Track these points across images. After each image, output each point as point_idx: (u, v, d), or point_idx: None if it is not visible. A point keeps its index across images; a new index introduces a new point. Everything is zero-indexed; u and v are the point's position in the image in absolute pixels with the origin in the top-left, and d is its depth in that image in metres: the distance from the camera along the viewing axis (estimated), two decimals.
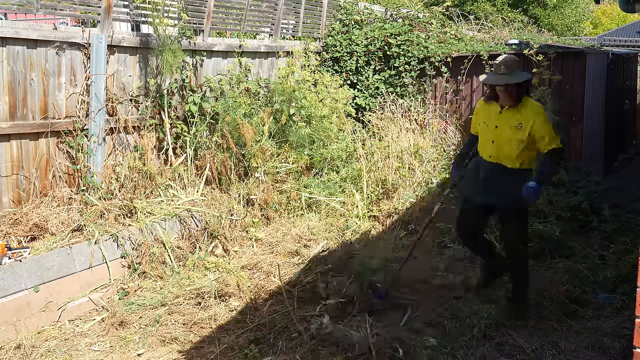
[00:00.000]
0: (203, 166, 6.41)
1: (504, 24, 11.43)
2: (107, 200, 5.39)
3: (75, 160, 5.44)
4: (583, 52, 7.36)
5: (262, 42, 7.97)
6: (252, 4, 7.45)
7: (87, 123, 5.46)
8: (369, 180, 7.01)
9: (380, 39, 8.36)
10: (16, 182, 5.06)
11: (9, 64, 4.85)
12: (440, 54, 8.04)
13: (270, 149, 6.76)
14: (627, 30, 23.18)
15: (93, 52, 5.42)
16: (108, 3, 5.46)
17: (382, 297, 4.50)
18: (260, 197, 6.41)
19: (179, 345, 4.05)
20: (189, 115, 6.47)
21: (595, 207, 6.07)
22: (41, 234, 4.95)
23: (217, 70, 7.02)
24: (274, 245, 5.82)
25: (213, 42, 6.95)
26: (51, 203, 5.19)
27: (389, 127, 7.70)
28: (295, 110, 7.19)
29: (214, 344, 4.05)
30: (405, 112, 7.94)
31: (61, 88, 5.32)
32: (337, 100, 7.76)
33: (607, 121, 7.85)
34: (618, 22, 30.81)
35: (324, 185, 6.98)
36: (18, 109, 4.99)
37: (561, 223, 5.87)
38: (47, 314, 4.46)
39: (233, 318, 4.43)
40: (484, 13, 17.74)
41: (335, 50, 8.60)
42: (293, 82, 7.40)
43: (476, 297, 4.63)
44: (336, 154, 7.33)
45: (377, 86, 8.33)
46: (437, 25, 8.74)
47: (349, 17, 8.92)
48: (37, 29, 5.10)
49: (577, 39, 11.61)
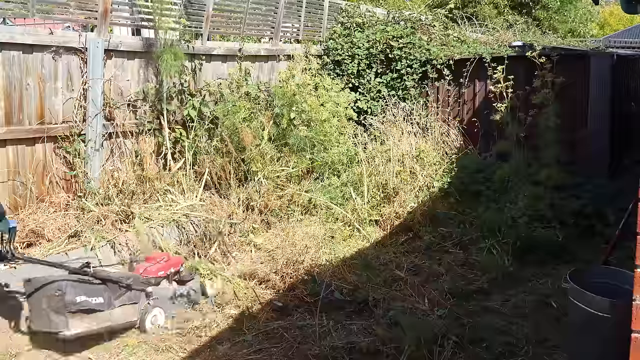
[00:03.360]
0: (202, 171, 6.35)
1: (507, 26, 11.32)
2: (104, 205, 5.35)
3: (72, 165, 5.40)
4: (587, 54, 7.27)
5: (262, 45, 7.93)
6: (251, 8, 7.41)
7: (84, 128, 5.43)
8: (370, 184, 6.94)
9: (382, 42, 8.29)
10: (12, 187, 5.03)
11: (4, 69, 4.82)
12: (443, 56, 7.97)
13: (270, 153, 6.71)
14: (633, 31, 23.03)
15: (90, 57, 5.39)
16: (105, 7, 5.42)
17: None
18: (260, 202, 6.36)
19: (174, 354, 3.98)
20: (188, 119, 6.43)
21: (600, 211, 5.97)
22: (37, 240, 4.91)
23: (217, 74, 6.97)
24: (273, 251, 5.75)
25: (212, 45, 6.91)
26: (48, 209, 5.16)
27: (390, 130, 7.63)
28: (296, 114, 7.13)
29: (209, 353, 3.98)
30: (407, 116, 7.87)
31: (58, 93, 5.29)
32: (338, 103, 7.69)
33: (612, 123, 7.75)
34: (625, 23, 30.58)
35: (325, 189, 6.92)
36: (14, 114, 4.96)
37: (564, 228, 5.79)
38: None
39: (229, 326, 4.36)
40: (487, 15, 17.64)
41: (336, 54, 8.54)
42: (294, 86, 7.34)
43: None
44: (337, 158, 7.27)
45: (379, 89, 8.27)
46: (439, 28, 8.67)
47: (351, 19, 8.86)
48: (33, 34, 5.07)
49: (582, 40, 11.48)
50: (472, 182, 6.90)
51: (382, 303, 4.59)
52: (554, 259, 5.50)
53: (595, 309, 3.33)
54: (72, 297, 3.95)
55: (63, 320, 3.93)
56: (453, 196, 6.78)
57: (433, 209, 6.54)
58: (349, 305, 4.61)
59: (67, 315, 3.93)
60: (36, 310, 4.00)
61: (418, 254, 5.79)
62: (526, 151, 6.94)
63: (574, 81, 7.01)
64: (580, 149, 7.12)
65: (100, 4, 5.40)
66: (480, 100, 7.80)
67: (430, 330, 3.96)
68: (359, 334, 4.12)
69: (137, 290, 4.36)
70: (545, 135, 6.66)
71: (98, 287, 4.14)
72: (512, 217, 5.99)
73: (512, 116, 7.14)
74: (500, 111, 7.18)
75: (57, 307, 3.91)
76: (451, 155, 7.55)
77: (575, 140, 7.01)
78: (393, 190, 6.79)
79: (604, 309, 3.29)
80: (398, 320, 4.21)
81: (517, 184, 6.54)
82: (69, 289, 3.95)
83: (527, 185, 6.39)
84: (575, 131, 6.96)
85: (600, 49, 8.52)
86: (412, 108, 7.99)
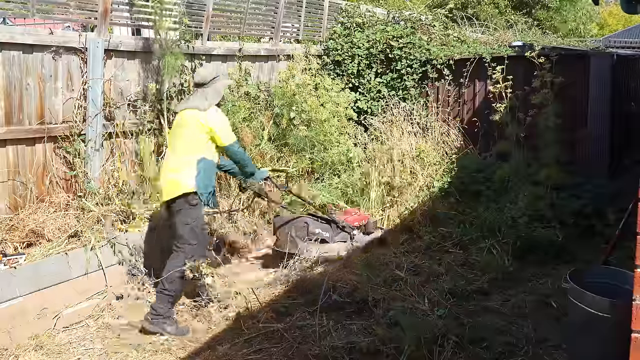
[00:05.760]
0: None
1: (507, 26, 11.33)
2: (104, 205, 5.35)
3: (72, 165, 5.40)
4: (586, 54, 7.27)
5: (262, 45, 7.93)
6: (251, 8, 7.41)
7: (84, 128, 5.43)
8: (370, 184, 6.94)
9: (382, 42, 8.29)
10: (12, 187, 5.03)
11: (4, 69, 4.82)
12: (443, 56, 7.96)
13: (270, 153, 6.71)
14: (633, 31, 23.03)
15: (90, 57, 5.40)
16: (105, 7, 5.42)
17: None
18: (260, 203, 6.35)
19: (173, 356, 3.98)
20: None
21: (600, 211, 5.97)
22: (37, 240, 4.91)
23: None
24: (274, 251, 5.76)
25: (212, 45, 6.91)
26: (48, 209, 5.15)
27: (390, 130, 7.63)
28: (296, 114, 7.14)
29: (209, 353, 3.98)
30: (407, 116, 7.86)
31: (58, 93, 5.29)
32: (338, 103, 7.69)
33: (612, 123, 7.74)
34: (624, 24, 30.58)
35: (325, 190, 6.93)
36: (14, 114, 4.96)
37: (564, 228, 5.78)
38: (42, 320, 4.40)
39: (229, 327, 4.36)
40: (487, 15, 17.64)
41: (336, 54, 8.53)
42: (293, 86, 7.34)
43: None
44: (337, 158, 7.27)
45: (379, 89, 8.27)
46: (439, 28, 8.66)
47: (351, 20, 8.86)
48: (33, 34, 5.07)
49: (581, 40, 11.47)
50: (472, 182, 6.90)
51: (382, 303, 4.58)
52: (554, 259, 5.49)
53: (595, 309, 3.33)
54: (313, 229, 5.48)
55: (306, 245, 5.37)
56: (453, 196, 6.78)
57: (433, 208, 6.53)
58: (348, 306, 4.60)
59: (308, 242, 5.41)
60: (284, 237, 5.44)
61: (418, 254, 5.78)
62: (526, 151, 6.94)
63: (573, 81, 7.00)
64: (580, 149, 7.12)
65: (100, 4, 5.40)
66: (480, 100, 7.80)
67: (430, 330, 3.96)
68: (359, 334, 4.11)
69: (347, 232, 5.69)
70: (545, 135, 6.66)
71: (326, 225, 5.60)
72: (512, 217, 5.98)
73: (512, 116, 7.13)
74: (500, 111, 7.18)
75: (302, 235, 5.42)
76: (451, 155, 7.55)
77: (575, 140, 7.01)
78: (397, 189, 6.79)
79: (604, 309, 3.28)
80: (398, 320, 4.20)
81: (517, 184, 6.53)
82: (310, 223, 5.51)
83: (527, 185, 6.39)
84: (575, 131, 6.95)
85: (600, 49, 8.51)
86: (412, 108, 7.99)
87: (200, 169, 4.41)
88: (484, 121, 7.63)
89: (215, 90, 4.60)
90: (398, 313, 4.34)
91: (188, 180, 4.38)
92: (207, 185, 4.46)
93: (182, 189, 4.38)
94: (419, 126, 7.81)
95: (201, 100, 4.53)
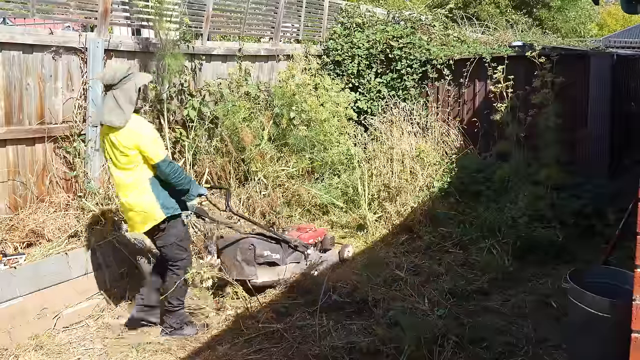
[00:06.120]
0: (202, 171, 6.36)
1: (508, 26, 11.32)
2: (104, 205, 5.35)
3: (72, 165, 5.40)
4: (586, 54, 7.27)
5: (262, 45, 7.93)
6: (251, 8, 7.41)
7: (84, 128, 5.43)
8: (370, 184, 6.94)
9: (382, 42, 8.29)
10: (12, 187, 5.03)
11: (4, 69, 4.82)
12: (443, 56, 7.96)
13: (270, 152, 6.71)
14: (633, 31, 23.03)
15: (90, 57, 5.39)
16: (105, 7, 5.42)
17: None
18: (261, 203, 6.35)
19: (173, 356, 3.98)
20: (188, 119, 6.43)
21: (600, 211, 5.97)
22: (37, 240, 4.91)
23: (217, 74, 6.98)
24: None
25: (212, 45, 6.91)
26: (48, 209, 5.15)
27: (390, 130, 7.62)
28: (296, 114, 7.13)
29: (209, 353, 3.98)
30: (407, 116, 7.86)
31: (58, 93, 5.29)
32: (338, 103, 7.69)
33: (612, 123, 7.74)
34: (623, 24, 30.60)
35: (325, 190, 6.92)
36: (14, 114, 4.96)
37: (564, 228, 5.78)
38: (42, 320, 4.40)
39: (229, 327, 4.36)
40: (488, 15, 17.63)
41: (336, 54, 8.54)
42: (293, 86, 7.34)
43: None
44: (337, 158, 7.27)
45: (379, 89, 8.27)
46: (439, 28, 8.66)
47: (351, 20, 8.86)
48: (33, 34, 5.07)
49: (582, 40, 11.47)
50: (472, 182, 6.90)
51: (382, 303, 4.58)
52: (554, 259, 5.49)
53: (595, 309, 3.33)
54: (261, 251, 4.86)
55: (253, 270, 4.81)
56: (453, 196, 6.77)
57: (433, 209, 6.53)
58: (348, 306, 4.60)
59: (256, 266, 4.81)
60: (229, 261, 4.85)
61: (418, 254, 5.78)
62: (526, 151, 6.93)
63: (573, 81, 7.00)
64: (580, 149, 7.12)
65: (100, 4, 5.40)
66: (480, 100, 7.80)
67: (430, 330, 3.96)
68: (359, 334, 4.12)
69: (300, 252, 5.23)
70: (545, 135, 6.66)
71: (276, 246, 5.02)
72: (512, 217, 5.98)
73: (512, 116, 7.13)
74: (500, 111, 7.18)
75: (248, 259, 4.80)
76: (451, 155, 7.54)
77: (575, 140, 7.01)
78: (394, 189, 6.79)
79: (604, 309, 3.28)
80: (398, 320, 4.20)
81: (517, 184, 6.53)
82: (257, 244, 4.86)
83: (527, 185, 6.39)
84: (575, 131, 6.95)
85: (600, 49, 8.50)
86: (412, 108, 7.98)
87: (157, 192, 4.01)
88: (483, 121, 7.63)
89: (125, 93, 3.90)
90: (398, 313, 4.34)
91: (154, 211, 4.01)
92: (173, 202, 4.09)
93: (152, 221, 4.06)
94: (419, 126, 7.81)
95: (116, 112, 3.87)
